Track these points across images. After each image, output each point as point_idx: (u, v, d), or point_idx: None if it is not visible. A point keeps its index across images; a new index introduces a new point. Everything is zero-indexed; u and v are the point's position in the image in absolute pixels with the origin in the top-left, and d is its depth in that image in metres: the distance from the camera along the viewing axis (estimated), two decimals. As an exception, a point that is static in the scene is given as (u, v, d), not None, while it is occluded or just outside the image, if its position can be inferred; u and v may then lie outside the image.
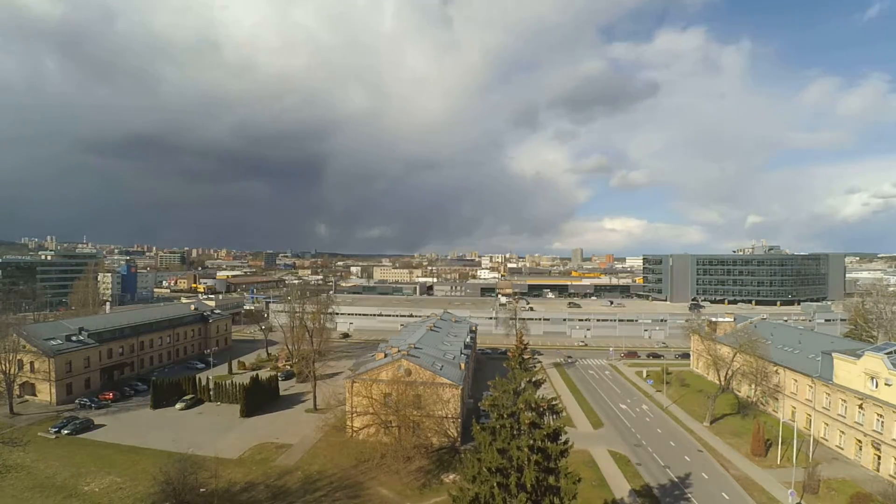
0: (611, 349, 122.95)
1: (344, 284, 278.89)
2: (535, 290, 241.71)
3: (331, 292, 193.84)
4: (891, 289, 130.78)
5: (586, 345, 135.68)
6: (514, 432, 31.68)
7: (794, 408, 69.71)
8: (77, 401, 76.64)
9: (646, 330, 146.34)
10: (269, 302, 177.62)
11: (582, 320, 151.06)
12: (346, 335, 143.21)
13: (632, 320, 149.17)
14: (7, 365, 70.70)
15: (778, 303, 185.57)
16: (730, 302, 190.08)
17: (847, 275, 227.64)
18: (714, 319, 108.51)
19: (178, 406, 75.15)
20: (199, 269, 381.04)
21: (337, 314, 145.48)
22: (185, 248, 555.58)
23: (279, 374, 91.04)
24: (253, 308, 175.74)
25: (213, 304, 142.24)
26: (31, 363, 77.02)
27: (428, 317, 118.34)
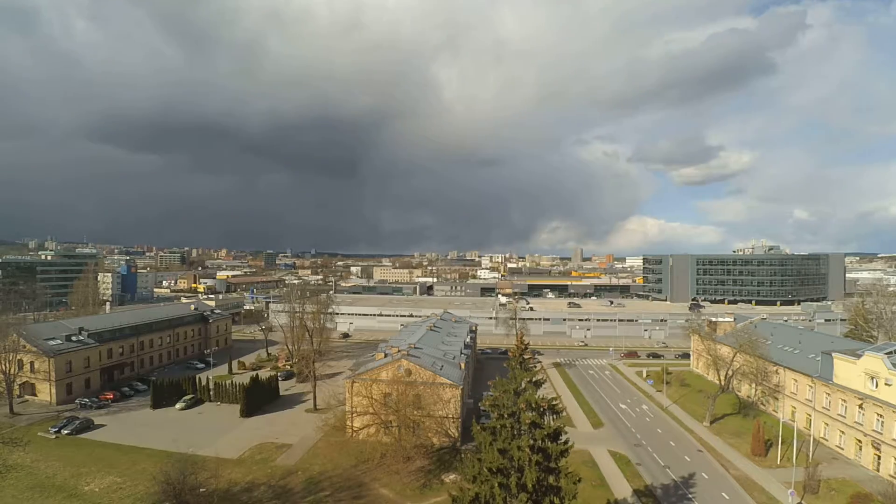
0: (611, 349, 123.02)
1: (344, 284, 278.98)
2: (535, 290, 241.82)
3: (331, 292, 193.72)
4: (891, 289, 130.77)
5: (586, 345, 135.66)
6: (515, 432, 31.68)
7: (794, 408, 69.69)
8: (77, 401, 76.66)
9: (646, 330, 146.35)
10: (269, 302, 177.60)
11: (582, 320, 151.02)
12: (346, 335, 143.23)
13: (632, 320, 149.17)
14: (7, 365, 70.76)
15: (778, 303, 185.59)
16: (730, 302, 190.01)
17: (847, 275, 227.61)
18: (714, 319, 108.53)
19: (178, 406, 75.17)
20: (199, 269, 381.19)
21: (337, 314, 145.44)
22: (185, 248, 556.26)
23: (279, 374, 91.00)
24: (253, 308, 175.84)
25: (213, 304, 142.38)
26: (31, 363, 77.04)
27: (428, 317, 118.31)
